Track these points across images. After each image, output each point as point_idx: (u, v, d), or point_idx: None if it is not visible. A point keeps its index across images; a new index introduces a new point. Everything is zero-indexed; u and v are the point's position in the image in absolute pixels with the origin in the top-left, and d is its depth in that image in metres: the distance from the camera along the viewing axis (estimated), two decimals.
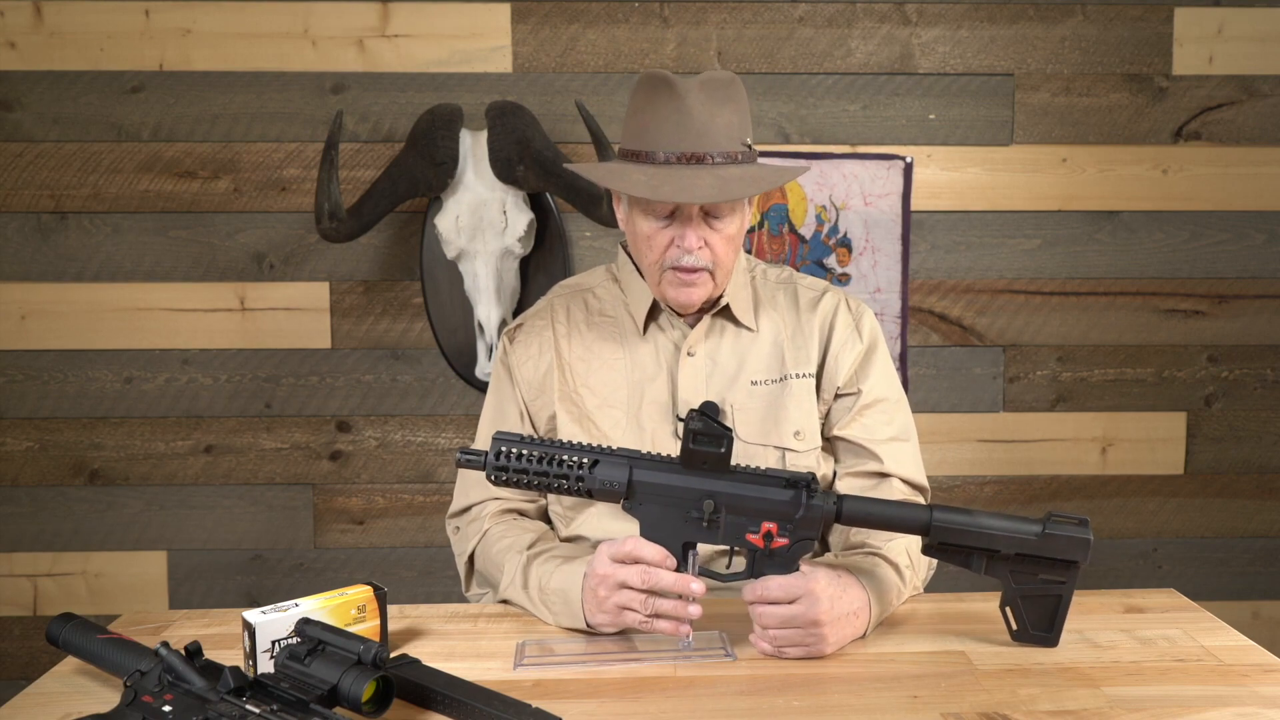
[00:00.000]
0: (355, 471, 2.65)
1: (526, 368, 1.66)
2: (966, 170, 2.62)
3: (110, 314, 2.59)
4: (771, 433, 1.58)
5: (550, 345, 1.66)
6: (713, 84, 1.52)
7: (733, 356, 1.62)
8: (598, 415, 1.60)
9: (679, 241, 1.52)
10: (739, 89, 1.54)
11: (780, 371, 1.61)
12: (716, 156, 1.49)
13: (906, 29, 2.58)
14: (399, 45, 2.54)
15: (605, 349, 1.64)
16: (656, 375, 1.61)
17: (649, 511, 1.35)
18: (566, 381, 1.64)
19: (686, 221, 1.52)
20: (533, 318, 1.71)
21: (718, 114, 1.50)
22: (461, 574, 1.69)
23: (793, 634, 1.33)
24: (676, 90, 1.50)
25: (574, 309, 1.69)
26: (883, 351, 1.66)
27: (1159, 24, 2.59)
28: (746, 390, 1.60)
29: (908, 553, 1.50)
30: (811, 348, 1.62)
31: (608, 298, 1.69)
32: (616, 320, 1.66)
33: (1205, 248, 2.65)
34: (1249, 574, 2.73)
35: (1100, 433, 2.68)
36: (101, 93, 2.54)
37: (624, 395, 1.61)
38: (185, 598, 2.65)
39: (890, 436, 1.61)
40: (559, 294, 1.74)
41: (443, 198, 2.37)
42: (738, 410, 1.59)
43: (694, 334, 1.62)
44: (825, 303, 1.66)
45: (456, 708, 1.19)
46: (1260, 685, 1.27)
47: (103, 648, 1.26)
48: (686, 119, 1.49)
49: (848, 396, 1.62)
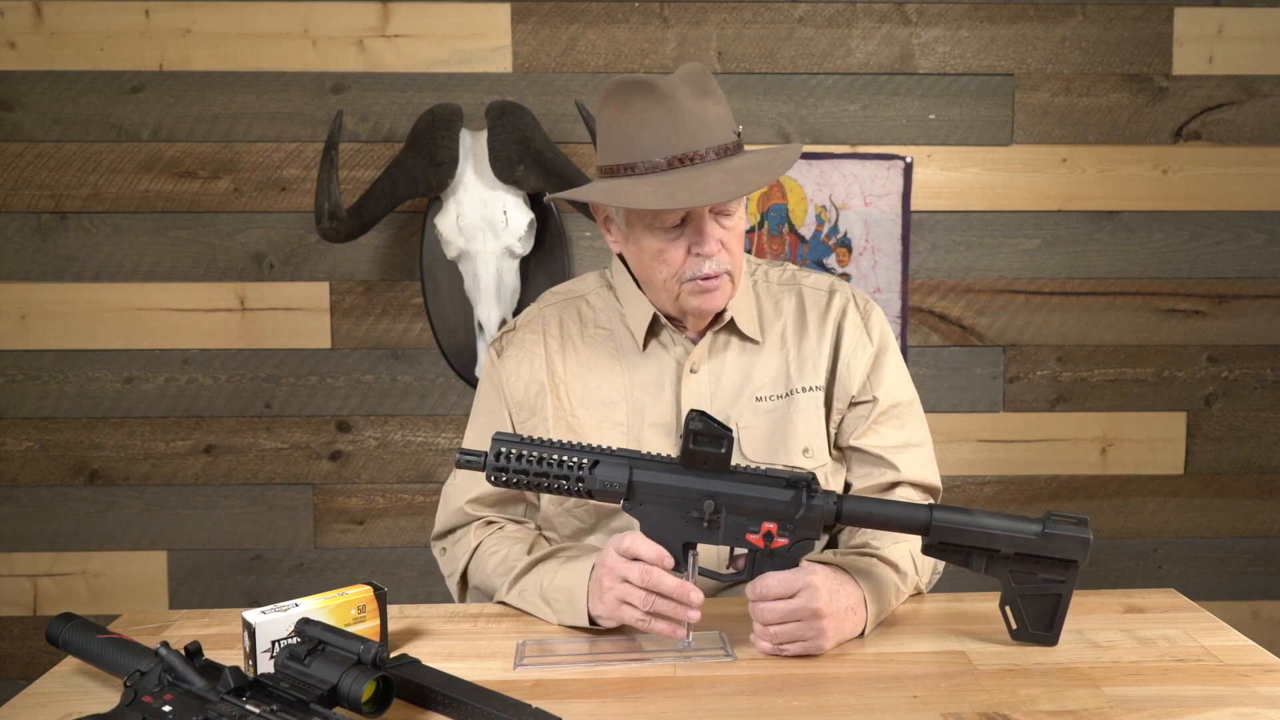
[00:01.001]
0: (355, 471, 2.65)
1: (516, 386, 1.59)
2: (966, 170, 2.62)
3: (110, 314, 2.59)
4: (780, 450, 1.54)
5: (542, 363, 1.59)
6: (692, 78, 1.45)
7: (737, 372, 1.57)
8: (595, 437, 1.54)
9: (697, 249, 1.46)
10: (712, 77, 1.48)
11: (786, 386, 1.56)
12: (712, 152, 1.43)
13: (906, 29, 2.58)
14: (399, 45, 2.54)
15: (601, 364, 1.57)
16: (659, 394, 1.56)
17: (649, 512, 1.34)
18: (561, 403, 1.57)
19: (700, 226, 1.46)
20: (523, 330, 1.63)
21: (706, 108, 1.44)
22: (454, 592, 1.64)
23: (794, 628, 1.33)
24: (660, 91, 1.43)
25: (567, 320, 1.62)
26: (893, 350, 1.61)
27: (1159, 24, 2.59)
28: (752, 407, 1.55)
29: (910, 555, 1.49)
30: (821, 358, 1.57)
31: (602, 307, 1.62)
32: (613, 334, 1.59)
33: (1205, 248, 2.65)
34: (1249, 574, 2.73)
35: (1100, 433, 2.68)
36: (101, 93, 2.54)
37: (623, 414, 1.56)
38: (185, 598, 2.64)
39: (905, 442, 1.58)
40: (550, 302, 1.66)
41: (443, 198, 2.37)
42: (744, 429, 1.54)
43: (697, 350, 1.56)
44: (833, 305, 1.60)
45: (456, 708, 1.19)
46: (1260, 685, 1.27)
47: (103, 648, 1.26)
48: (679, 118, 1.42)
49: (863, 404, 1.58)
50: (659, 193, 1.40)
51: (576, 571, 1.42)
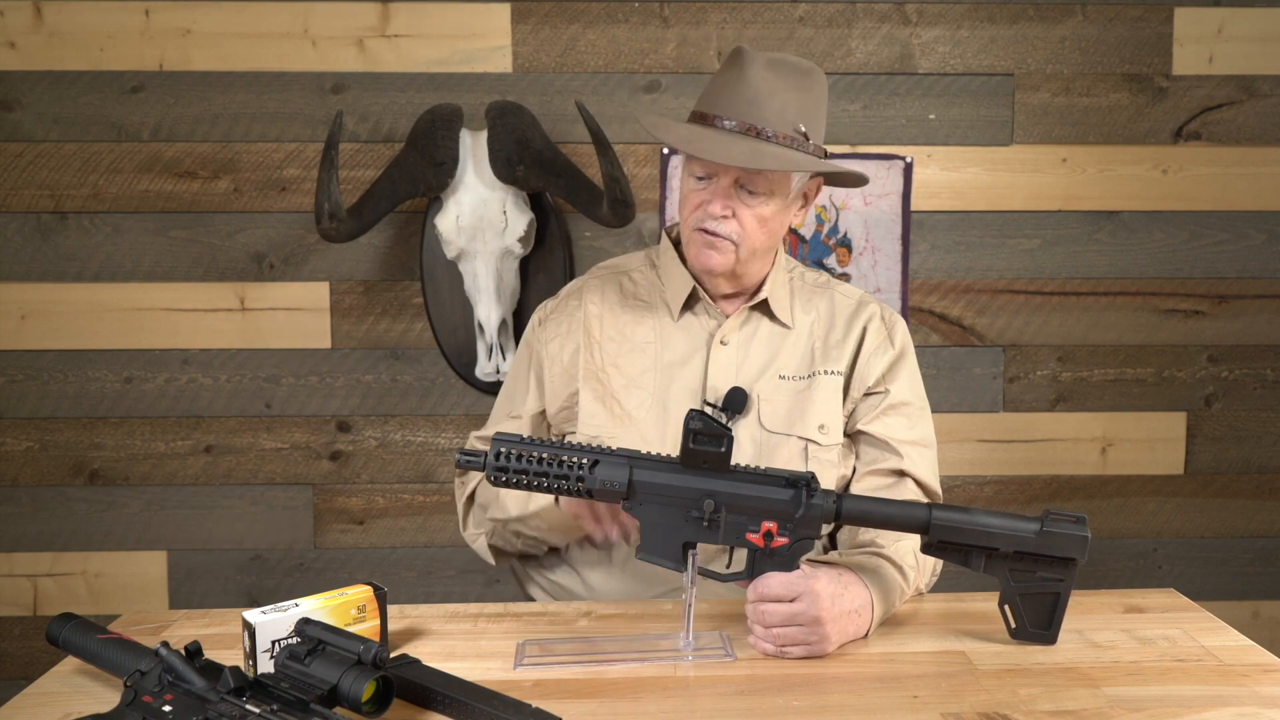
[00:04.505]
0: (355, 471, 2.65)
1: (553, 346, 1.68)
2: (966, 170, 2.62)
3: (110, 314, 2.59)
4: (796, 423, 1.59)
5: (580, 324, 1.67)
6: (785, 65, 1.54)
7: (765, 349, 1.63)
8: (623, 395, 1.61)
9: (706, 205, 1.54)
10: (816, 80, 1.56)
11: (810, 369, 1.63)
12: (769, 132, 1.50)
13: (906, 29, 2.58)
14: (399, 45, 2.54)
15: (637, 331, 1.65)
16: (688, 360, 1.62)
17: (649, 511, 1.35)
18: (594, 360, 1.64)
19: (719, 186, 1.53)
20: (566, 297, 1.72)
21: (778, 92, 1.52)
22: (460, 513, 1.73)
23: (794, 632, 1.33)
24: (744, 59, 1.53)
25: (608, 290, 1.70)
26: (912, 361, 1.68)
27: (1159, 24, 2.59)
28: (774, 383, 1.61)
29: (914, 554, 1.50)
30: (845, 350, 1.64)
31: (644, 282, 1.70)
32: (651, 305, 1.67)
33: (1205, 248, 2.65)
34: (1249, 574, 2.73)
35: (1100, 433, 2.68)
36: (101, 93, 2.54)
37: (652, 377, 1.62)
38: (185, 598, 2.64)
39: (912, 439, 1.62)
40: (595, 274, 1.75)
41: (443, 198, 2.37)
42: (764, 400, 1.60)
43: (729, 323, 1.63)
44: (862, 312, 1.68)
45: (456, 708, 1.19)
46: (1260, 685, 1.27)
47: (103, 648, 1.26)
48: (743, 87, 1.51)
49: (875, 395, 1.63)
50: (688, 136, 1.51)
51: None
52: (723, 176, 1.53)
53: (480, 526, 1.69)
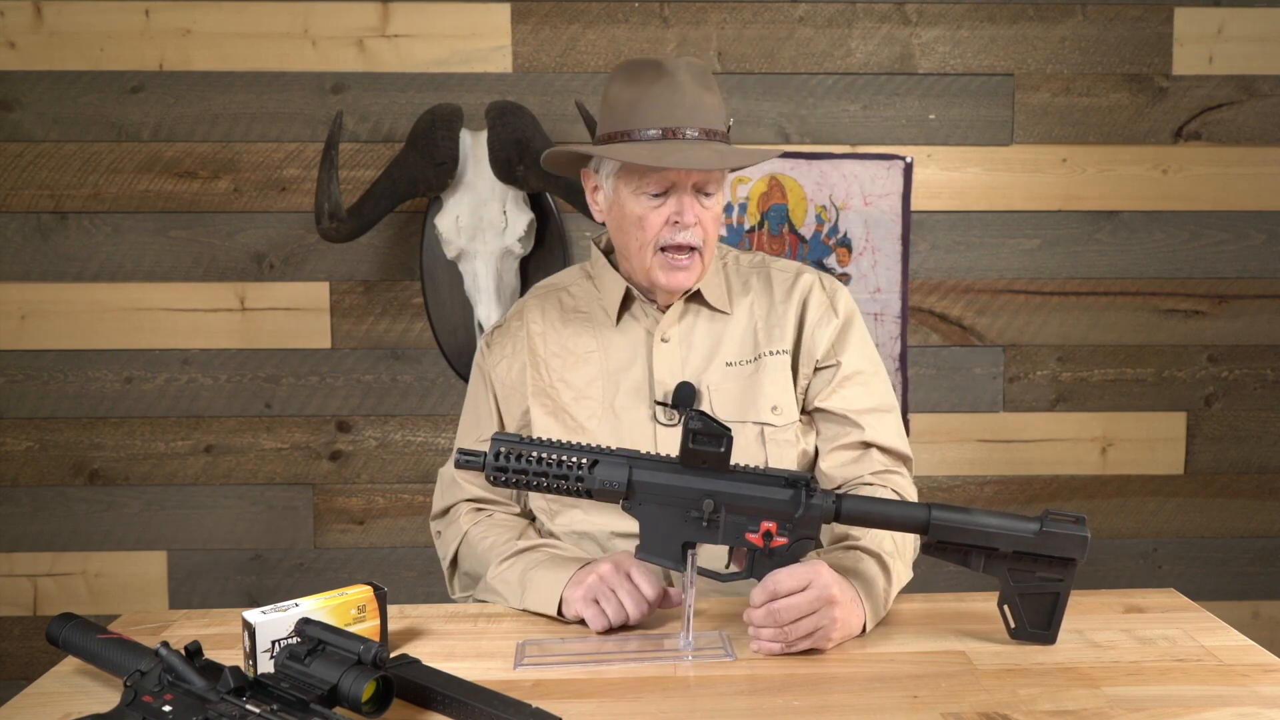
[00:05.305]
0: (355, 471, 2.65)
1: (500, 368, 1.69)
2: (966, 170, 2.62)
3: (110, 314, 2.59)
4: (749, 409, 1.60)
5: (524, 344, 1.68)
6: (695, 68, 1.56)
7: (707, 339, 1.64)
8: (573, 407, 1.62)
9: (675, 217, 1.54)
10: (712, 75, 1.60)
11: (755, 351, 1.63)
12: (702, 132, 1.52)
13: (906, 29, 2.58)
14: (399, 45, 2.54)
15: (580, 343, 1.66)
16: (632, 362, 1.63)
17: (649, 511, 1.34)
18: (541, 377, 1.65)
19: (682, 196, 1.54)
20: (509, 320, 1.74)
21: (703, 94, 1.54)
22: (446, 575, 1.71)
23: (807, 622, 1.33)
24: (666, 69, 1.53)
25: (548, 307, 1.71)
26: (859, 325, 1.68)
27: (1159, 24, 2.59)
28: (721, 371, 1.62)
29: (891, 538, 1.49)
30: (787, 326, 1.64)
31: (581, 294, 1.71)
32: (590, 315, 1.68)
33: (1205, 248, 2.65)
34: (1249, 574, 2.73)
35: (1100, 433, 2.68)
36: (101, 93, 2.54)
37: (600, 386, 1.63)
38: (185, 598, 2.65)
39: (870, 407, 1.63)
40: (534, 294, 1.76)
41: (443, 198, 2.37)
42: (714, 391, 1.61)
43: (666, 319, 1.63)
44: (800, 282, 1.67)
45: (456, 708, 1.19)
46: (1260, 685, 1.27)
47: (103, 648, 1.26)
48: (678, 94, 1.52)
49: (827, 369, 1.64)
50: (651, 154, 1.50)
51: (559, 573, 1.47)
52: (683, 187, 1.54)
53: (467, 590, 1.68)
